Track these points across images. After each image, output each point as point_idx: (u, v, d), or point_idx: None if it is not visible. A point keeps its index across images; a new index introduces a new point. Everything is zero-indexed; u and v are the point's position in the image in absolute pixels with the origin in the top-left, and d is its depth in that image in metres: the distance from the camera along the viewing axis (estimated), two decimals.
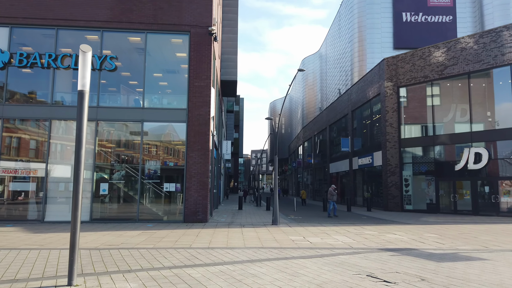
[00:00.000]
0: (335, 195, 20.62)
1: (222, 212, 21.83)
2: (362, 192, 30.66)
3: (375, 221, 17.19)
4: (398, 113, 25.15)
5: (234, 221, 16.07)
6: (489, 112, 21.61)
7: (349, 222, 16.48)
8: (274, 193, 14.79)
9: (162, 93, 16.47)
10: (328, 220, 17.27)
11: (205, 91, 15.37)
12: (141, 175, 15.09)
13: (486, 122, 21.60)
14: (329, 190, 20.82)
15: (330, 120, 40.02)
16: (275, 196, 14.73)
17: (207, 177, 15.08)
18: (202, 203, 14.92)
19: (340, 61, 47.70)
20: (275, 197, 14.67)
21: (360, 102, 30.81)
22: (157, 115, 15.44)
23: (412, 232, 12.71)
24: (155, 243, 9.78)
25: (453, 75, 22.64)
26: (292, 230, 12.72)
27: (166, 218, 15.26)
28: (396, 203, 24.54)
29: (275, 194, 14.79)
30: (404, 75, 25.00)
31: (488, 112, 21.65)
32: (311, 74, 66.74)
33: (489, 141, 20.97)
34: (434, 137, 23.36)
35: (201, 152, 15.13)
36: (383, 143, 25.85)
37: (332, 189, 20.84)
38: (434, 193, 23.11)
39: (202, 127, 15.24)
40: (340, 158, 35.84)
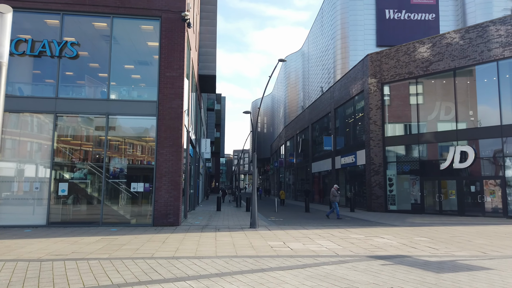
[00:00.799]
0: (338, 196, 19.37)
1: (199, 213, 20.52)
2: (345, 192, 29.84)
3: (359, 222, 16.23)
4: (382, 110, 24.38)
5: (210, 224, 14.80)
6: (471, 111, 21.02)
7: (332, 224, 15.45)
8: (253, 193, 13.62)
9: (131, 84, 15.05)
10: (311, 223, 16.21)
11: (178, 82, 14.06)
12: (106, 173, 13.65)
13: (470, 121, 21.00)
14: (332, 191, 19.42)
15: (313, 119, 39.16)
16: (253, 196, 13.55)
17: (180, 176, 13.77)
18: (173, 204, 13.60)
19: (322, 58, 46.97)
20: (254, 198, 13.51)
21: (343, 100, 29.98)
22: (124, 108, 14.03)
23: (401, 235, 11.75)
24: (112, 252, 8.44)
25: (439, 71, 21.98)
26: (271, 234, 11.56)
27: (135, 221, 13.87)
28: (380, 203, 23.76)
29: (254, 194, 13.62)
30: (388, 71, 24.25)
31: (470, 111, 21.06)
32: (293, 72, 65.89)
33: (475, 139, 20.37)
34: (419, 135, 22.66)
35: (173, 149, 13.81)
36: (366, 142, 25.05)
37: (335, 189, 19.45)
38: (419, 193, 22.42)
39: (174, 121, 13.92)
40: (323, 158, 35.00)
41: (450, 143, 21.20)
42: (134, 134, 14.60)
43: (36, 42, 13.84)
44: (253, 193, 13.59)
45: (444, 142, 21.66)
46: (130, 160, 14.23)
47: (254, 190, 13.66)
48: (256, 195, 13.50)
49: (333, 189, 19.51)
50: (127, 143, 14.32)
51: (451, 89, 21.69)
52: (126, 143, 14.34)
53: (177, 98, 14.01)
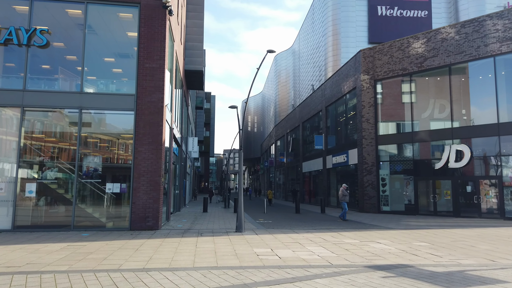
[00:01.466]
0: (348, 195, 18.26)
1: (184, 215, 19.43)
2: (336, 193, 29.00)
3: (352, 225, 15.34)
4: (375, 108, 23.58)
5: (193, 227, 13.75)
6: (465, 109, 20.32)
7: (324, 226, 14.52)
8: (239, 194, 12.61)
9: (108, 77, 13.91)
10: (301, 225, 15.27)
11: (158, 74, 12.98)
12: (79, 173, 12.51)
13: (465, 119, 20.29)
14: (341, 190, 18.30)
15: (303, 117, 38.32)
16: (239, 197, 12.54)
17: (160, 176, 12.70)
18: (152, 206, 12.52)
19: (313, 56, 46.11)
20: (240, 199, 12.49)
21: (334, 98, 29.15)
22: (99, 102, 12.89)
23: (398, 239, 10.86)
24: (74, 262, 7.36)
25: (433, 67, 21.25)
26: (258, 240, 10.57)
27: (111, 224, 12.75)
28: (373, 204, 22.96)
29: (240, 195, 12.60)
30: (381, 68, 23.45)
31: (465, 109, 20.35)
32: (284, 70, 64.95)
33: (470, 137, 19.67)
34: (413, 134, 21.91)
35: (153, 146, 12.73)
36: (359, 140, 24.24)
37: (343, 189, 18.30)
38: (413, 193, 21.66)
39: (154, 116, 12.84)
40: (314, 157, 34.15)
41: (445, 142, 20.48)
42: (110, 131, 13.47)
43: (2, 29, 12.64)
44: (239, 193, 12.58)
45: (439, 141, 20.93)
46: (105, 158, 13.11)
47: (241, 190, 12.65)
48: (242, 196, 12.50)
49: (342, 188, 18.36)
50: (102, 140, 13.19)
51: (446, 86, 20.97)
52: (101, 140, 13.21)
53: (157, 91, 12.93)
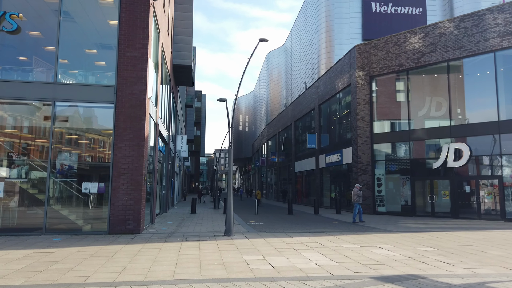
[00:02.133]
0: (362, 197, 17.06)
1: (170, 217, 18.36)
2: (330, 193, 28.18)
3: (349, 227, 14.45)
4: (370, 105, 22.77)
5: (178, 230, 12.72)
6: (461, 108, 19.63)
7: (319, 229, 13.61)
8: (228, 194, 11.60)
9: (86, 67, 12.79)
10: (295, 228, 14.33)
11: (140, 63, 11.92)
12: (52, 170, 11.40)
13: (464, 116, 19.58)
14: (354, 190, 17.12)
15: (296, 116, 37.45)
16: (228, 198, 11.53)
17: (142, 174, 11.64)
18: (134, 208, 11.46)
19: (306, 53, 45.23)
20: (229, 200, 11.49)
21: (328, 95, 28.32)
22: (75, 94, 11.78)
23: (401, 244, 9.98)
24: (34, 274, 6.30)
25: (431, 63, 20.51)
26: (249, 245, 9.59)
27: (89, 227, 11.66)
28: (368, 204, 22.14)
29: (229, 196, 11.59)
30: (377, 64, 22.66)
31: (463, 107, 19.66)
32: (275, 69, 63.99)
33: (470, 136, 18.95)
34: (410, 132, 21.14)
35: (134, 143, 11.67)
36: (353, 139, 23.41)
37: (357, 189, 17.07)
38: (409, 194, 20.89)
39: (136, 110, 11.78)
40: (306, 156, 33.30)
41: (443, 141, 19.74)
42: (87, 125, 12.35)
43: None
44: (228, 193, 11.57)
45: (437, 139, 20.20)
46: (82, 155, 12.00)
47: (230, 190, 11.64)
48: (231, 196, 11.49)
49: (355, 189, 17.09)
50: (79, 135, 12.08)
51: (443, 83, 20.25)
52: (78, 136, 12.10)
53: (139, 82, 11.87)
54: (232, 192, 47.09)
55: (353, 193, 17.17)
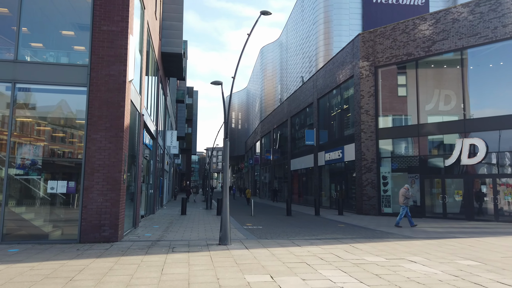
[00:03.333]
0: (410, 198, 15.03)
1: (157, 219, 16.48)
2: (329, 192, 26.52)
3: (359, 231, 12.73)
4: (375, 98, 21.10)
5: (164, 237, 10.87)
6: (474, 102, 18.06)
7: (327, 235, 11.87)
8: (224, 195, 9.78)
9: (55, 43, 10.84)
10: (298, 232, 12.57)
11: (119, 39, 10.02)
12: (11, 164, 9.46)
13: (480, 109, 18.01)
14: (401, 191, 15.11)
15: (292, 111, 35.72)
16: (224, 199, 9.70)
17: (120, 171, 9.76)
18: (110, 211, 9.58)
19: (303, 46, 43.42)
20: (225, 202, 9.66)
21: (328, 88, 26.61)
22: (40, 74, 9.84)
23: (434, 255, 8.27)
24: None
25: (443, 51, 18.90)
26: (250, 258, 7.79)
27: (59, 234, 9.77)
28: (372, 205, 20.49)
29: (225, 197, 9.75)
30: (383, 53, 20.99)
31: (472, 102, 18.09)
32: (270, 64, 62.06)
33: (486, 130, 17.38)
34: (419, 127, 19.52)
35: (111, 133, 9.78)
36: (356, 135, 21.74)
37: (405, 189, 15.07)
38: (418, 194, 19.28)
39: (114, 94, 9.89)
40: (303, 154, 31.58)
41: (457, 136, 18.16)
42: (55, 112, 10.40)
43: None
44: (223, 193, 9.73)
45: (449, 134, 18.60)
46: (48, 149, 10.07)
47: (226, 191, 9.81)
48: (228, 198, 9.67)
49: (403, 189, 15.13)
50: (44, 124, 10.14)
51: (457, 73, 18.66)
52: (43, 125, 10.16)
53: (118, 62, 9.97)
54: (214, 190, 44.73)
55: (400, 194, 15.05)
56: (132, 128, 11.95)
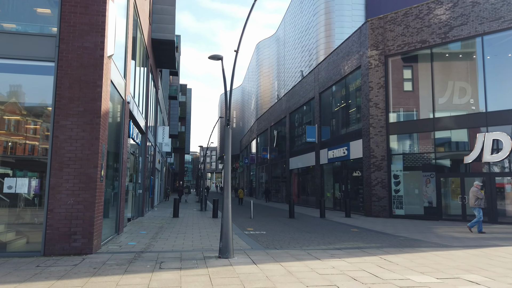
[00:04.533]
0: (483, 199, 12.73)
1: (147, 222, 14.58)
2: (333, 193, 24.77)
3: (381, 238, 10.98)
4: (385, 90, 19.40)
5: (152, 246, 9.00)
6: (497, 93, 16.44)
7: (345, 242, 10.10)
8: (225, 194, 7.93)
9: (14, 8, 8.90)
10: (309, 238, 10.78)
11: (95, 4, 8.14)
12: None
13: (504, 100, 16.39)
14: (473, 190, 12.77)
15: (291, 107, 33.95)
16: (225, 199, 7.85)
17: (97, 166, 7.88)
18: (83, 216, 7.70)
19: (302, 39, 41.64)
20: (226, 202, 7.80)
21: (331, 81, 24.88)
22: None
23: (491, 271, 6.53)
24: None
25: (462, 38, 17.25)
26: (261, 277, 5.97)
27: (22, 244, 7.86)
28: (383, 206, 18.78)
29: (227, 196, 7.89)
30: (394, 41, 19.30)
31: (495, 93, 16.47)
32: (267, 59, 60.18)
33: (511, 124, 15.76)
34: (435, 120, 17.85)
35: (85, 119, 7.90)
36: (364, 130, 20.02)
37: (476, 188, 12.77)
38: (434, 194, 17.60)
39: (89, 71, 8.00)
40: (304, 152, 29.83)
41: (478, 130, 16.51)
42: (13, 94, 8.46)
43: None
44: (225, 194, 7.88)
45: (469, 129, 16.95)
46: (4, 140, 8.14)
47: (228, 190, 7.94)
48: (230, 199, 7.81)
49: (475, 188, 12.77)
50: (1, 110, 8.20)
51: (477, 62, 17.02)
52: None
53: (93, 31, 8.09)
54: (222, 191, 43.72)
55: (471, 195, 12.82)
56: (114, 116, 10.07)
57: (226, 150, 7.84)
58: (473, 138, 16.52)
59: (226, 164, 7.88)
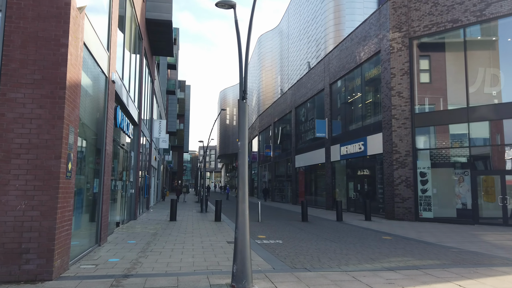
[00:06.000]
0: None
1: (139, 227, 12.33)
2: (346, 192, 22.56)
3: (431, 251, 8.75)
4: (410, 76, 17.19)
5: (139, 264, 6.75)
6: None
7: (392, 257, 7.89)
8: (240, 198, 5.67)
9: None
10: (344, 253, 8.57)
11: None
12: None
13: None
14: None
15: (297, 101, 31.71)
16: (240, 205, 5.60)
17: (59, 156, 5.63)
18: (40, 227, 5.46)
19: (308, 29, 39.33)
20: (242, 209, 5.55)
21: (344, 70, 22.66)
22: None
23: None
24: None
25: (501, 15, 15.04)
26: None
27: None
28: (407, 208, 16.58)
29: (242, 201, 5.63)
30: (420, 21, 17.09)
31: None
32: (269, 53, 57.77)
33: None
34: (469, 110, 15.65)
35: (43, 91, 5.66)
36: (385, 122, 17.82)
37: None
38: (469, 194, 15.40)
39: (49, 24, 5.76)
40: (312, 148, 27.60)
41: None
42: None
43: None
44: (240, 198, 5.62)
45: (510, 119, 14.76)
46: None
47: (244, 190, 5.68)
48: (247, 203, 5.56)
49: None
50: None
51: None
52: None
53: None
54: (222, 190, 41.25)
55: None
56: (93, 96, 7.82)
57: (242, 132, 5.59)
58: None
59: (242, 153, 5.63)
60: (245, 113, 5.57)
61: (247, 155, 5.69)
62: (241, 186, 5.54)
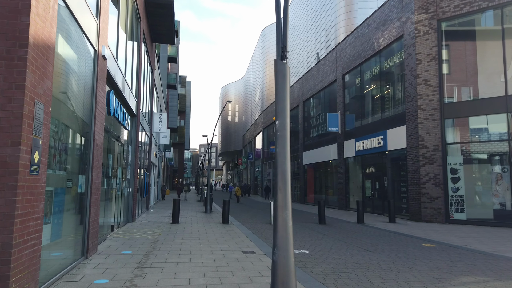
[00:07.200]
0: None
1: (137, 232, 10.64)
2: (362, 191, 20.86)
3: (490, 261, 7.08)
4: (438, 62, 15.48)
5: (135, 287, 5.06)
6: None
7: (456, 274, 6.24)
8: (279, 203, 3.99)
9: None
10: (397, 268, 6.91)
11: None
12: None
13: None
14: None
15: (305, 94, 29.99)
16: (280, 214, 3.93)
17: (20, 143, 3.93)
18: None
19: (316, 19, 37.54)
20: (283, 219, 3.87)
21: (360, 59, 20.94)
22: None
23: None
24: None
25: None
26: None
27: None
28: (436, 209, 14.89)
29: (284, 208, 3.96)
30: (450, 0, 15.36)
31: None
32: (273, 46, 55.98)
33: None
34: (508, 99, 13.95)
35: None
36: (409, 113, 16.12)
37: None
38: (509, 193, 13.72)
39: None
40: (322, 144, 25.91)
41: None
42: None
43: None
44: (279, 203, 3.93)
45: None
46: None
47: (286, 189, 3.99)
48: (290, 210, 3.90)
49: None
50: None
51: None
52: None
53: None
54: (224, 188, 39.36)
55: None
56: (76, 70, 6.11)
57: (282, 107, 3.91)
58: None
59: (282, 137, 3.93)
60: (286, 78, 3.87)
61: (288, 138, 4.00)
62: (282, 185, 3.84)
